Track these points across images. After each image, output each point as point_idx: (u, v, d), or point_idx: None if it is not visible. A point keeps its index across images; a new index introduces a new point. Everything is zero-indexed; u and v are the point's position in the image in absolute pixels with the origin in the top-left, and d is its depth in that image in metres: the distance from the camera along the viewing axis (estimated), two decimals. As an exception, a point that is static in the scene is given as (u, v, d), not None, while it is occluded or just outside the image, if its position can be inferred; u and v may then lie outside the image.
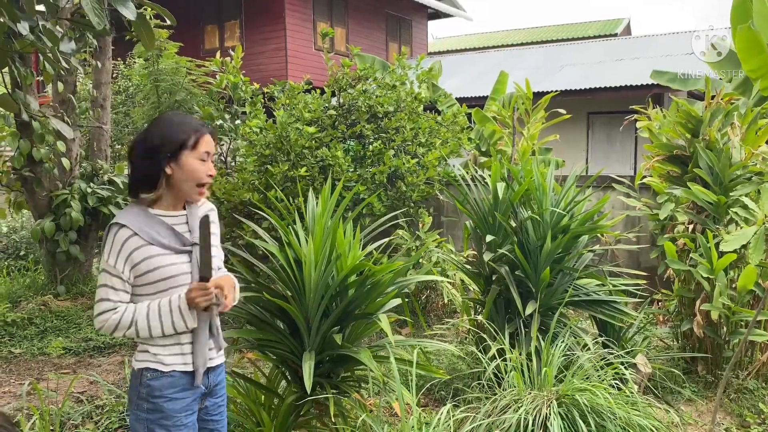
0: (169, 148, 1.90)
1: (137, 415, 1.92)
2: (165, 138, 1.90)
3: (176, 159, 1.90)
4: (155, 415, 1.90)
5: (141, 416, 1.91)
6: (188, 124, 1.95)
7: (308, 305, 2.80)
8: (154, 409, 1.90)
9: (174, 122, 1.94)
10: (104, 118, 6.48)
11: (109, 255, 1.84)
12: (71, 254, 5.89)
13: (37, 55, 5.97)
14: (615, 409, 2.87)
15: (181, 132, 1.92)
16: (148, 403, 1.90)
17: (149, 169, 1.91)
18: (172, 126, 1.93)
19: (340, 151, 5.90)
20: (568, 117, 6.79)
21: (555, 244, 3.78)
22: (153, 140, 1.90)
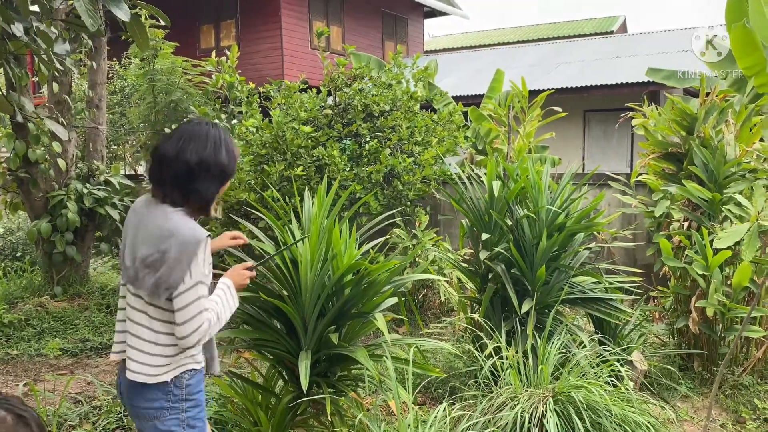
0: (234, 170, 2.06)
1: (177, 418, 1.99)
2: (233, 160, 2.05)
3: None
4: (195, 410, 2.03)
5: (182, 417, 1.99)
6: (235, 144, 2.08)
7: (304, 305, 2.81)
8: (194, 405, 2.02)
9: (233, 141, 2.07)
10: (100, 119, 6.47)
11: (204, 266, 1.93)
12: (68, 255, 5.88)
13: (32, 56, 5.96)
14: (611, 406, 2.88)
15: (237, 154, 2.08)
16: (188, 402, 2.00)
17: (218, 188, 2.02)
18: (235, 147, 2.06)
19: (336, 150, 5.91)
20: (564, 115, 6.80)
21: (551, 242, 3.79)
22: (225, 161, 2.01)
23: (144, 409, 1.99)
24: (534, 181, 4.00)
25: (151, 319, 1.98)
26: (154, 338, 1.98)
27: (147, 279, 1.91)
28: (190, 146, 1.96)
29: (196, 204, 2.01)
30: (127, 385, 2.04)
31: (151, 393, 1.98)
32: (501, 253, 3.92)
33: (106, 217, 6.13)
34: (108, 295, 6.06)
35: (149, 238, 1.93)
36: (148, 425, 2.02)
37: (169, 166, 1.96)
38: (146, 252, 1.92)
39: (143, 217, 2.00)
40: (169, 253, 1.88)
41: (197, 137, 1.98)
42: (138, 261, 1.94)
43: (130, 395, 2.04)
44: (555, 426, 2.86)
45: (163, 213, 1.95)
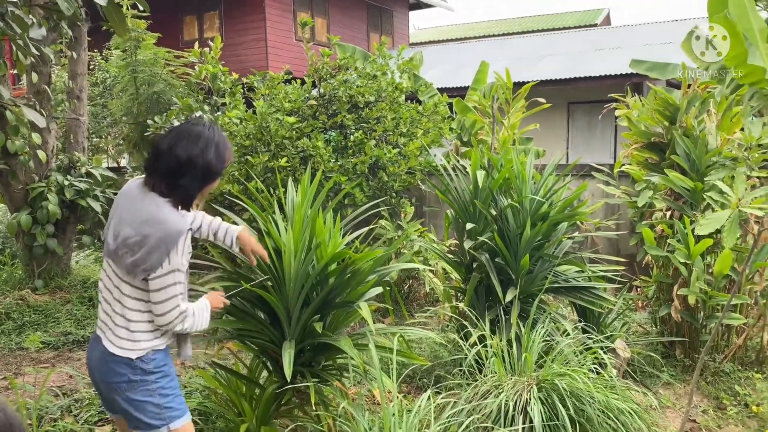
0: (220, 173, 2.19)
1: (147, 389, 2.13)
2: (221, 163, 2.17)
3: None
4: (165, 380, 2.17)
5: (152, 388, 2.14)
6: (228, 146, 2.21)
7: (288, 294, 2.79)
8: (163, 376, 2.17)
9: (227, 146, 2.20)
10: (81, 110, 6.38)
11: (181, 256, 2.08)
12: (49, 248, 5.80)
13: (10, 45, 5.86)
14: (594, 393, 2.90)
15: (227, 157, 2.20)
16: (155, 374, 2.15)
17: (201, 186, 2.16)
18: (226, 150, 2.19)
19: (321, 141, 5.88)
20: (548, 106, 6.82)
21: (534, 231, 3.81)
22: (212, 162, 2.13)
23: (115, 383, 2.13)
24: (518, 171, 4.01)
25: (123, 295, 2.13)
26: (123, 312, 2.13)
27: (125, 258, 2.06)
28: (182, 143, 2.10)
29: (179, 198, 2.14)
30: (98, 358, 2.17)
31: (119, 367, 2.12)
32: (485, 243, 3.92)
33: (88, 210, 6.06)
34: (90, 288, 5.99)
35: (134, 221, 2.07)
36: (120, 398, 2.14)
37: (161, 159, 2.11)
38: (129, 233, 2.05)
39: (134, 200, 2.13)
40: (149, 239, 2.02)
41: (190, 136, 2.13)
42: (120, 240, 2.07)
43: (101, 369, 2.16)
44: (539, 413, 2.88)
45: (153, 200, 2.10)
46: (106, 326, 2.17)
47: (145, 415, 2.15)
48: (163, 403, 2.17)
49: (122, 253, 2.06)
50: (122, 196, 2.18)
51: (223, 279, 3.00)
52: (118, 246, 2.08)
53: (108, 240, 2.13)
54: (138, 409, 2.14)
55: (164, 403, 2.18)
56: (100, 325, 2.20)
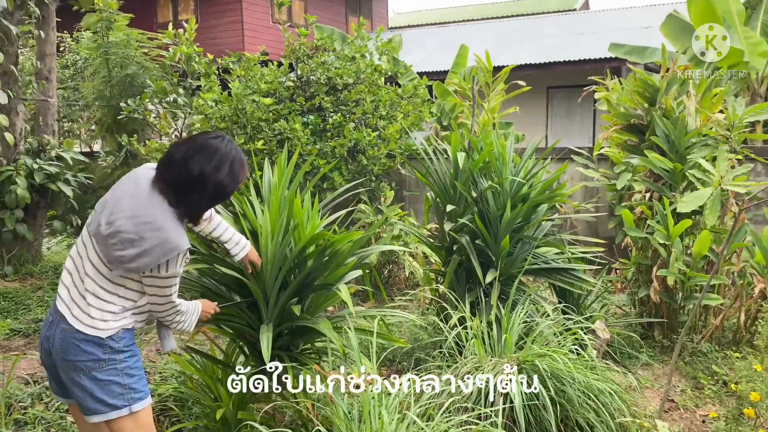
0: (233, 192, 2.19)
1: (115, 368, 2.08)
2: (235, 183, 2.14)
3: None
4: (132, 359, 2.12)
5: (120, 367, 2.09)
6: (244, 166, 2.16)
7: (265, 277, 2.72)
8: (131, 355, 2.12)
9: (243, 164, 2.16)
10: (50, 91, 6.20)
11: (179, 267, 2.09)
12: (18, 233, 5.65)
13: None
14: (574, 374, 2.88)
15: (242, 177, 2.17)
16: (125, 353, 2.09)
17: (210, 204, 2.16)
18: (242, 169, 2.15)
19: (298, 123, 5.78)
20: (528, 89, 6.79)
21: (515, 213, 3.77)
22: (224, 182, 2.10)
23: (81, 361, 2.05)
24: (498, 153, 3.97)
25: (101, 275, 2.06)
26: (95, 291, 2.06)
27: (112, 249, 2.00)
28: (196, 157, 2.05)
29: (185, 212, 2.10)
30: (60, 337, 2.07)
31: (87, 345, 2.04)
32: (466, 225, 3.89)
33: (59, 194, 5.90)
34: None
35: (135, 217, 2.00)
36: (85, 378, 2.06)
37: (173, 169, 2.05)
38: (125, 227, 1.99)
39: (140, 194, 2.06)
40: (144, 242, 1.97)
41: (206, 150, 2.07)
42: (113, 229, 2.00)
43: (64, 348, 2.07)
44: (519, 394, 2.86)
45: (161, 205, 2.04)
46: (73, 302, 2.07)
47: (108, 395, 2.08)
48: (128, 383, 2.12)
49: (111, 243, 2.00)
50: (129, 182, 2.10)
51: (197, 261, 2.92)
52: (110, 234, 2.00)
53: (100, 221, 2.04)
54: (102, 389, 2.07)
55: (130, 383, 2.12)
56: (64, 301, 2.09)
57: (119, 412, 2.09)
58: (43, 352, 2.15)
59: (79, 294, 2.08)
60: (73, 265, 2.12)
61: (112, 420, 2.09)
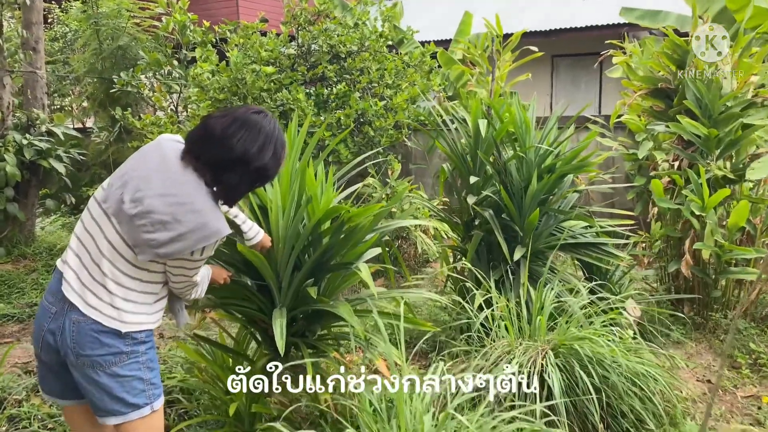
0: (274, 177, 1.97)
1: (137, 361, 1.86)
2: (277, 166, 1.92)
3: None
4: (152, 351, 1.91)
5: (142, 360, 1.87)
6: (285, 146, 1.95)
7: (277, 257, 2.47)
8: (151, 347, 1.91)
9: (285, 144, 1.94)
10: (38, 63, 5.86)
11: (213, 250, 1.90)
12: (9, 213, 5.37)
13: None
14: (620, 359, 2.65)
15: (283, 159, 1.95)
16: (146, 343, 1.88)
17: (250, 188, 1.96)
18: (284, 150, 1.94)
19: (301, 93, 5.47)
20: (540, 55, 6.48)
21: (541, 184, 3.51)
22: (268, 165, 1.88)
23: (100, 356, 1.80)
24: (521, 120, 3.69)
25: (122, 258, 1.82)
26: (117, 277, 1.82)
27: (140, 231, 1.76)
28: (239, 134, 1.81)
29: (222, 194, 1.88)
30: (74, 331, 1.79)
31: (106, 337, 1.80)
32: (488, 198, 3.62)
33: (51, 172, 5.61)
34: (57, 255, 5.58)
35: (168, 196, 1.77)
36: (104, 374, 1.80)
37: (210, 145, 1.81)
38: (157, 206, 1.75)
39: (171, 170, 1.81)
40: (180, 226, 1.75)
41: (250, 127, 1.84)
42: (142, 209, 1.76)
43: (79, 342, 1.79)
44: (558, 382, 2.63)
45: (197, 185, 1.81)
46: (86, 289, 1.80)
47: (130, 393, 1.84)
48: (150, 377, 1.89)
49: (139, 224, 1.76)
50: (154, 156, 1.83)
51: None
52: (138, 213, 1.76)
53: (123, 198, 1.77)
54: (123, 386, 1.82)
55: (151, 378, 1.89)
56: (73, 288, 1.81)
57: (140, 411, 1.86)
58: (44, 348, 1.86)
59: (93, 279, 1.81)
60: (81, 245, 1.84)
61: (132, 421, 1.85)
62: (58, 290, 1.83)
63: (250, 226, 2.27)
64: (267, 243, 2.34)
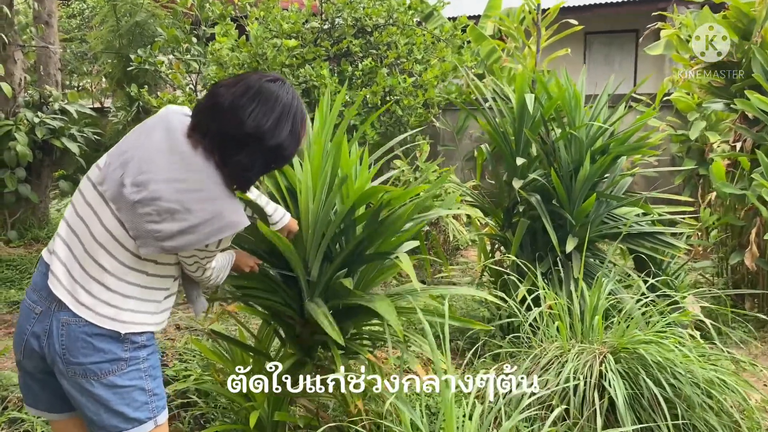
0: (293, 156, 1.67)
1: (138, 369, 1.57)
2: (297, 143, 1.62)
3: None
4: (154, 357, 1.64)
5: (143, 367, 1.59)
6: (305, 122, 1.65)
7: (306, 244, 2.17)
8: (153, 351, 1.63)
9: (305, 117, 1.64)
10: (51, 37, 5.60)
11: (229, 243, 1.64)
12: (21, 195, 5.14)
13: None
14: (695, 368, 2.31)
15: (302, 137, 1.65)
16: (148, 347, 1.61)
17: (264, 170, 1.64)
18: (303, 124, 1.63)
19: (325, 69, 5.15)
20: (580, 28, 6.06)
21: (594, 167, 3.16)
22: (285, 143, 1.58)
23: (94, 363, 1.51)
24: (572, 96, 3.33)
25: (121, 248, 1.53)
26: (115, 270, 1.53)
27: (143, 220, 1.49)
28: (252, 106, 1.52)
29: (236, 177, 1.58)
30: (63, 334, 1.51)
31: (102, 341, 1.52)
32: (534, 181, 3.29)
33: (66, 152, 5.37)
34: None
35: (176, 182, 1.49)
36: (99, 385, 1.51)
37: (218, 118, 1.52)
38: (163, 193, 1.48)
39: (178, 149, 1.52)
40: (191, 216, 1.48)
41: (265, 97, 1.54)
42: (146, 194, 1.48)
43: (68, 347, 1.50)
44: (621, 392, 2.30)
45: (208, 169, 1.52)
46: (76, 284, 1.51)
47: (130, 406, 1.54)
48: (152, 387, 1.59)
49: (143, 212, 1.48)
50: (159, 132, 1.53)
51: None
52: (141, 200, 1.48)
53: (123, 181, 1.49)
54: (123, 398, 1.53)
55: (154, 387, 1.60)
56: (62, 283, 1.52)
57: (143, 427, 1.57)
58: (27, 355, 1.56)
59: (86, 274, 1.51)
60: (72, 233, 1.55)
61: None
62: (43, 286, 1.53)
63: (274, 208, 1.99)
64: (294, 227, 2.05)
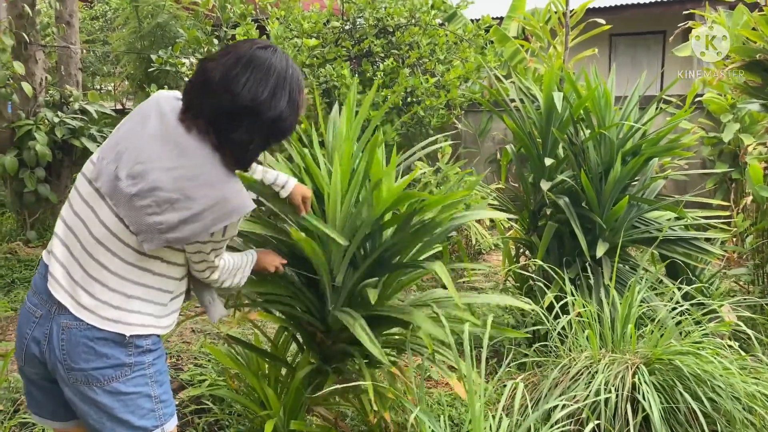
0: (293, 129, 1.54)
1: (143, 375, 1.48)
2: (296, 113, 1.51)
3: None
4: (160, 362, 1.54)
5: (149, 372, 1.49)
6: (302, 90, 1.53)
7: (332, 250, 2.07)
8: (159, 355, 1.54)
9: (302, 85, 1.52)
10: (72, 37, 5.59)
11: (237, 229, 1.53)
12: (41, 194, 5.13)
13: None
14: (735, 379, 2.18)
15: (302, 108, 1.54)
16: (152, 352, 1.51)
17: (265, 146, 1.52)
18: (301, 92, 1.52)
19: (346, 69, 5.07)
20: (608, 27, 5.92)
21: (626, 169, 3.03)
22: (284, 114, 1.46)
23: (96, 369, 1.43)
24: (602, 94, 3.21)
25: (123, 245, 1.44)
26: (116, 269, 1.44)
27: (143, 213, 1.40)
28: (244, 77, 1.41)
29: (234, 156, 1.48)
30: (63, 338, 1.42)
31: (104, 346, 1.43)
32: (562, 183, 3.16)
33: (86, 152, 5.34)
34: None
35: (173, 170, 1.40)
36: (102, 392, 1.43)
37: (210, 93, 1.42)
38: (162, 183, 1.39)
39: (173, 135, 1.43)
40: (193, 204, 1.39)
41: (257, 66, 1.43)
42: (144, 186, 1.40)
43: (69, 353, 1.42)
44: (657, 406, 2.17)
45: (204, 152, 1.43)
46: (77, 286, 1.43)
47: (135, 414, 1.46)
48: (159, 394, 1.50)
49: (141, 205, 1.40)
50: (152, 117, 1.44)
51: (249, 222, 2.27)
52: (138, 192, 1.39)
53: (117, 174, 1.40)
54: (127, 406, 1.45)
55: (160, 394, 1.51)
56: (61, 284, 1.44)
57: None
58: (28, 361, 1.48)
59: (86, 274, 1.43)
60: (69, 233, 1.46)
61: None
62: (43, 289, 1.45)
63: (274, 176, 1.89)
64: (306, 191, 1.95)
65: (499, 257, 5.25)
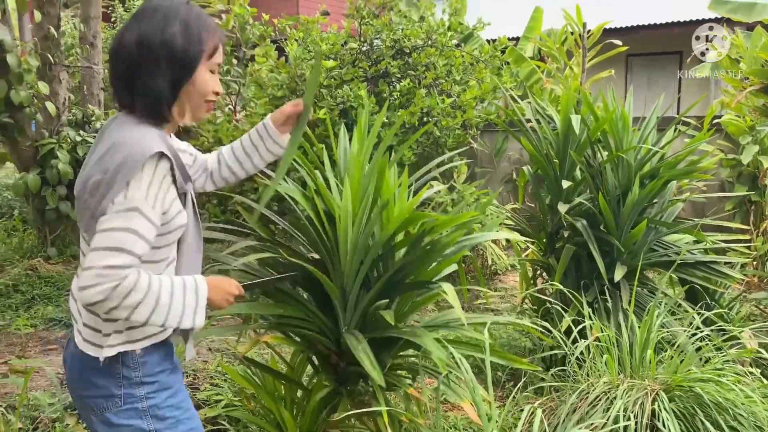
0: (197, 58, 1.44)
1: (135, 408, 1.43)
2: (195, 44, 1.43)
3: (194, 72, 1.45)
4: (161, 396, 1.46)
5: (142, 406, 1.44)
6: (209, 24, 1.48)
7: (344, 271, 2.08)
8: (158, 389, 1.46)
9: (206, 24, 1.46)
10: (95, 58, 5.70)
11: (148, 190, 1.34)
12: (62, 212, 5.20)
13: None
14: (759, 409, 2.14)
15: (207, 37, 1.45)
16: (147, 386, 1.44)
17: (169, 80, 1.42)
18: (203, 28, 1.45)
19: (363, 90, 5.11)
20: (624, 49, 5.92)
21: (644, 192, 3.02)
22: (176, 41, 1.41)
23: (91, 398, 1.45)
24: (620, 116, 3.20)
25: None
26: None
27: (85, 213, 1.38)
28: (132, 25, 1.43)
29: (144, 105, 1.43)
30: (70, 366, 1.49)
31: (97, 376, 1.43)
32: (580, 206, 3.15)
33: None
34: (109, 256, 5.39)
35: (96, 156, 1.39)
36: (98, 421, 1.44)
37: (114, 63, 1.45)
38: (93, 169, 1.36)
39: (102, 132, 1.48)
40: (108, 172, 1.32)
41: (143, 13, 1.43)
42: (80, 180, 1.40)
43: (73, 379, 1.48)
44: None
45: (119, 122, 1.44)
46: (78, 314, 1.47)
47: None
48: (158, 429, 1.45)
49: (82, 209, 1.39)
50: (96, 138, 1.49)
51: (256, 250, 2.30)
52: (77, 193, 1.40)
53: (76, 201, 1.44)
54: None
55: (160, 429, 1.46)
56: (72, 314, 1.52)
57: None
58: (67, 379, 1.56)
59: (75, 300, 1.50)
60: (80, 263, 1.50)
61: None
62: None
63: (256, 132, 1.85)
64: (285, 107, 1.85)
65: (515, 278, 5.22)
